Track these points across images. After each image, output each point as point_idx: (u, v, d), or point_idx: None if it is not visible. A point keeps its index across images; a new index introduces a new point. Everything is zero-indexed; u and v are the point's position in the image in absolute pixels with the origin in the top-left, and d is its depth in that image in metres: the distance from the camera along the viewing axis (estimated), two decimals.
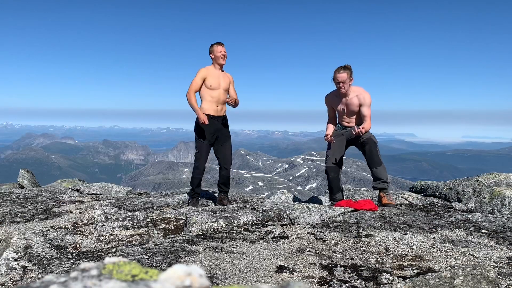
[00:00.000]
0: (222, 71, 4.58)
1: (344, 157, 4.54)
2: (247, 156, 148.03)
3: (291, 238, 2.91)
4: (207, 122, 4.37)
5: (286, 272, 2.22)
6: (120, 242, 2.96)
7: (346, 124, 4.44)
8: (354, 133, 4.10)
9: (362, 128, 4.06)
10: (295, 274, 2.21)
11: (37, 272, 2.15)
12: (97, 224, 3.32)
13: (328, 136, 4.39)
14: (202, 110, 4.46)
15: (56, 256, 2.40)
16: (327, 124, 4.59)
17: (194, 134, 4.63)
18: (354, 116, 4.35)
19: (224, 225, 3.20)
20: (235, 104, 4.56)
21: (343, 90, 4.17)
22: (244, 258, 2.44)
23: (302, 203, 4.13)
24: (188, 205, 4.68)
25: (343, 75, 4.08)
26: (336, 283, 2.05)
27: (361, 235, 2.93)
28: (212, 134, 4.54)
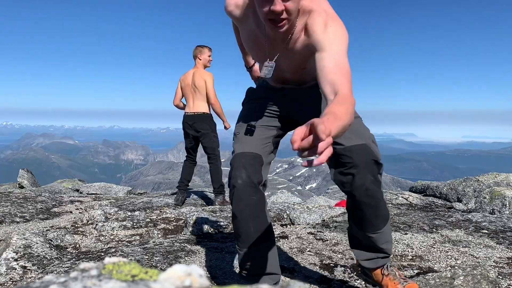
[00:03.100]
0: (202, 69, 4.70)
1: None
2: None
3: (291, 238, 2.91)
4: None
5: (286, 272, 2.21)
6: (120, 242, 2.96)
7: None
8: None
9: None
10: (295, 274, 2.20)
11: (37, 272, 2.14)
12: (97, 224, 3.31)
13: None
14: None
15: (56, 256, 2.39)
16: None
17: None
18: None
19: (224, 225, 3.20)
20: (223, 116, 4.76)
21: None
22: None
23: (302, 203, 4.13)
24: (176, 195, 4.79)
25: None
26: (336, 283, 2.05)
27: None
28: (187, 132, 4.72)
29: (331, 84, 1.25)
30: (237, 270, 2.19)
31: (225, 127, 4.77)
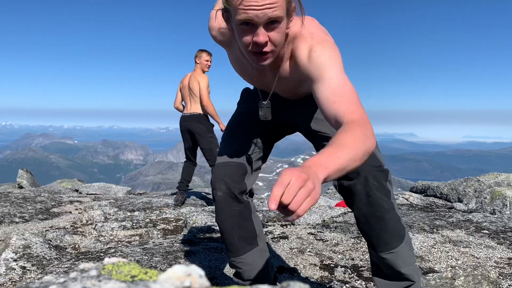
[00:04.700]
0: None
1: None
2: None
3: (291, 238, 2.91)
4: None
5: (286, 273, 2.21)
6: (119, 242, 2.95)
7: None
8: None
9: None
10: (295, 274, 2.20)
11: (36, 273, 2.14)
12: (96, 225, 3.31)
13: None
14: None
15: (55, 256, 2.39)
16: None
17: None
18: None
19: None
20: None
21: None
22: None
23: None
24: (176, 196, 4.81)
25: None
26: (336, 284, 2.05)
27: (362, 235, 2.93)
28: (183, 133, 4.78)
29: (334, 116, 1.10)
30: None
31: (220, 129, 4.77)
